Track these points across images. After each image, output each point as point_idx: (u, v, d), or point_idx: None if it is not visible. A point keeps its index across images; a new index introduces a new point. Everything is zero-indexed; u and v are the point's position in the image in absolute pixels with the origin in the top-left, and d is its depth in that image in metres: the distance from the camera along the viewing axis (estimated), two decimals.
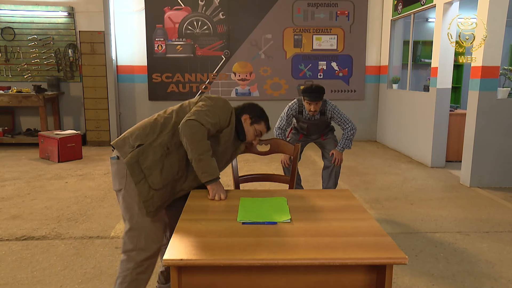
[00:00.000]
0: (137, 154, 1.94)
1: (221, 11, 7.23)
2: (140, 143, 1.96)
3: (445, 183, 4.83)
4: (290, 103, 3.61)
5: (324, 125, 3.65)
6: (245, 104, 2.24)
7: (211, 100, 2.10)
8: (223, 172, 2.23)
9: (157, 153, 1.95)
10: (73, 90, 7.21)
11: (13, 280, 2.55)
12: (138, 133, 2.01)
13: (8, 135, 6.81)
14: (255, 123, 2.20)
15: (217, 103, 2.09)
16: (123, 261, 1.98)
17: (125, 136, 2.04)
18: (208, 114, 1.99)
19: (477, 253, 2.97)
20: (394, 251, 1.41)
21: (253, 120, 2.20)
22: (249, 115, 2.19)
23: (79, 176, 5.02)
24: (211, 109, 2.03)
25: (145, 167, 1.93)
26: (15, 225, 3.43)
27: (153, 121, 2.06)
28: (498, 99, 4.56)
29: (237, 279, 1.47)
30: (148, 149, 1.95)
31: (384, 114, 7.36)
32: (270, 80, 7.45)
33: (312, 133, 3.69)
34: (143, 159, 1.93)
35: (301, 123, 3.64)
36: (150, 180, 1.92)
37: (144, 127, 2.03)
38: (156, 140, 1.97)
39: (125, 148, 1.98)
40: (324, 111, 3.51)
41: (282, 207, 1.82)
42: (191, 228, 1.59)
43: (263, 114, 2.24)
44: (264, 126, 2.23)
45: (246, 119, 2.19)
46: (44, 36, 6.95)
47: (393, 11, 6.93)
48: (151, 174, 1.93)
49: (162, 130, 2.00)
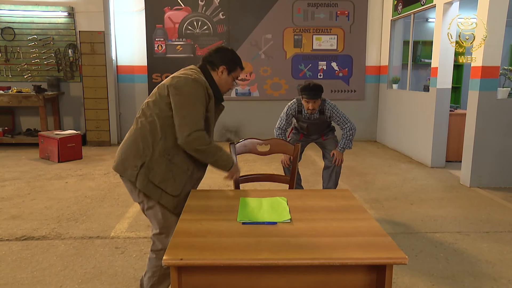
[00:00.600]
0: (145, 174, 1.92)
1: (221, 11, 7.23)
2: (141, 162, 1.93)
3: (445, 183, 4.83)
4: (290, 103, 3.61)
5: (324, 125, 3.65)
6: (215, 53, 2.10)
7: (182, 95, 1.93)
8: (222, 172, 2.23)
9: (162, 164, 1.94)
10: (73, 90, 7.21)
11: (13, 280, 2.55)
12: (134, 152, 1.95)
13: (8, 135, 6.82)
14: (232, 71, 2.12)
15: (189, 93, 1.93)
16: (152, 259, 2.06)
17: (122, 158, 1.98)
18: (193, 115, 1.92)
19: (477, 253, 2.97)
20: (394, 251, 1.41)
21: (230, 69, 2.10)
22: (225, 66, 2.09)
23: (79, 176, 5.02)
24: (190, 106, 1.92)
25: (159, 182, 1.94)
26: (15, 225, 3.43)
27: (140, 132, 1.97)
28: (498, 99, 4.56)
29: (237, 279, 1.47)
30: (152, 164, 1.93)
31: (384, 114, 7.36)
32: (270, 80, 7.45)
33: (312, 133, 3.69)
34: (153, 176, 1.93)
35: (301, 123, 3.64)
36: (169, 191, 1.96)
37: (136, 143, 1.96)
38: (154, 152, 1.94)
39: (128, 172, 1.95)
40: (323, 110, 3.51)
41: (282, 207, 1.82)
42: (191, 228, 1.59)
43: (236, 58, 2.13)
44: (239, 70, 2.16)
45: (223, 70, 2.09)
46: (44, 36, 6.95)
47: (393, 11, 6.93)
48: (167, 186, 1.95)
49: (154, 139, 1.95)
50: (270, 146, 2.61)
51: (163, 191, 1.94)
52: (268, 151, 2.61)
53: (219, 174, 2.53)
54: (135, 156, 1.94)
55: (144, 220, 3.56)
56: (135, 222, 3.53)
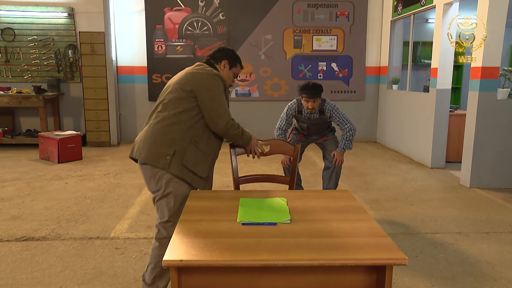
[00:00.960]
0: (179, 160, 2.12)
1: (221, 11, 7.23)
2: (173, 151, 2.11)
3: (445, 184, 4.83)
4: (290, 103, 3.61)
5: (324, 125, 3.65)
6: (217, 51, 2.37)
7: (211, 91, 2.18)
8: (222, 172, 2.26)
9: (192, 149, 2.15)
10: (73, 91, 7.22)
11: (13, 281, 2.54)
12: (165, 142, 2.12)
13: (8, 135, 6.82)
14: (233, 67, 2.37)
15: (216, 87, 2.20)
16: (156, 248, 2.17)
17: (153, 150, 2.12)
18: (223, 104, 2.20)
19: (477, 254, 2.97)
20: (394, 252, 1.41)
21: (231, 64, 2.35)
22: (227, 61, 2.34)
23: (79, 176, 5.02)
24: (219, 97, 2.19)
25: (192, 166, 2.14)
26: (15, 225, 3.43)
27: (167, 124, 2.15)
28: (498, 100, 4.56)
29: (237, 280, 1.47)
30: (184, 151, 2.13)
31: (384, 114, 7.36)
32: (270, 81, 7.46)
33: (313, 134, 3.69)
34: (186, 160, 2.13)
35: (301, 123, 3.64)
36: (199, 173, 2.17)
37: (165, 134, 2.13)
38: (183, 141, 2.14)
39: (162, 161, 2.10)
40: (323, 110, 3.50)
41: (282, 207, 1.82)
42: (191, 229, 1.59)
43: (236, 56, 2.39)
44: (239, 67, 2.40)
45: (225, 64, 2.34)
46: (44, 36, 6.95)
47: (393, 12, 6.94)
48: (197, 170, 2.16)
49: (181, 129, 2.14)
50: (270, 147, 2.62)
51: (194, 174, 2.15)
52: (268, 152, 2.61)
53: (219, 174, 2.54)
54: (167, 146, 2.11)
55: (144, 221, 3.56)
56: (135, 222, 3.53)
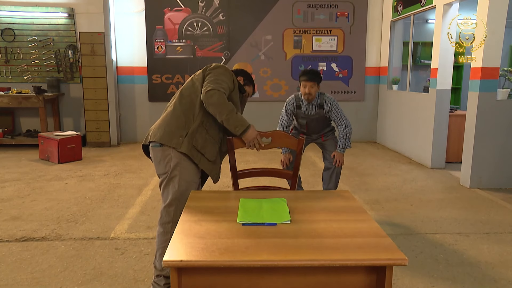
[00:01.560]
0: (190, 140, 2.26)
1: (221, 12, 7.23)
2: (186, 132, 2.28)
3: (445, 184, 4.83)
4: (288, 99, 3.63)
5: (324, 122, 3.63)
6: (237, 69, 2.61)
7: (215, 70, 2.38)
8: (222, 172, 2.27)
9: (202, 133, 2.30)
10: (73, 91, 7.22)
11: (13, 281, 2.54)
12: (178, 124, 2.29)
13: (8, 136, 6.82)
14: (247, 85, 2.58)
15: (220, 71, 2.38)
16: (160, 233, 2.30)
17: (167, 131, 2.28)
18: (219, 82, 2.28)
19: (477, 254, 2.97)
20: (394, 252, 1.41)
21: (245, 82, 2.57)
22: (243, 77, 2.57)
23: (79, 177, 5.02)
24: (220, 77, 2.32)
25: (200, 147, 2.28)
26: (15, 226, 3.43)
27: (181, 109, 2.33)
28: (498, 100, 4.56)
29: (237, 281, 1.47)
30: (195, 133, 2.28)
31: (384, 115, 7.36)
32: (270, 81, 7.46)
33: (312, 131, 3.66)
34: (196, 142, 2.27)
35: (300, 120, 3.63)
36: (207, 155, 2.30)
37: (179, 118, 2.31)
38: (195, 124, 2.29)
39: (174, 141, 2.26)
40: (322, 104, 3.50)
41: (282, 208, 1.82)
42: (191, 229, 1.59)
43: (252, 79, 2.63)
44: (251, 88, 2.62)
45: (240, 79, 2.55)
46: (44, 37, 6.95)
47: (393, 12, 6.94)
48: (206, 152, 2.30)
49: (194, 113, 2.31)
50: (272, 139, 2.50)
51: (202, 156, 2.29)
52: (270, 145, 2.49)
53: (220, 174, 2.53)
54: (180, 128, 2.28)
55: (144, 221, 3.56)
56: (135, 223, 3.53)
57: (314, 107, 3.51)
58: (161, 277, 2.30)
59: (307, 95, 3.42)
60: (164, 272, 2.28)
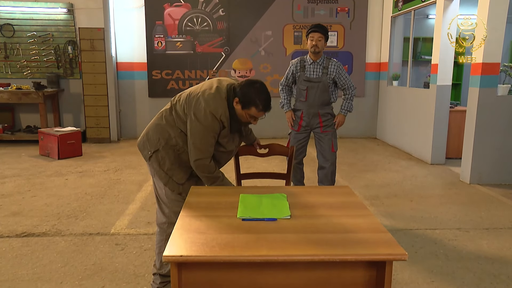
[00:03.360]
0: (156, 160, 2.18)
1: (221, 7, 7.21)
2: (155, 149, 2.19)
3: (445, 180, 4.83)
4: (293, 60, 3.69)
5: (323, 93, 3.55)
6: (243, 84, 2.10)
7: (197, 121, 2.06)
8: (223, 169, 2.26)
9: (171, 155, 2.17)
10: (72, 87, 7.21)
11: (14, 276, 2.55)
12: (153, 138, 2.21)
13: (8, 132, 6.81)
14: (245, 108, 2.07)
15: (204, 124, 2.05)
16: (157, 233, 2.32)
17: (144, 140, 2.26)
18: (202, 142, 2.08)
19: (477, 250, 2.98)
20: (394, 248, 1.41)
21: (242, 105, 2.07)
22: (239, 99, 2.07)
23: (79, 173, 5.02)
24: (202, 134, 2.07)
25: (167, 169, 2.18)
26: (15, 222, 3.44)
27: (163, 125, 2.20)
28: (498, 96, 4.55)
29: (237, 276, 1.47)
30: (163, 153, 2.17)
31: (384, 111, 7.35)
32: (270, 77, 7.44)
33: (311, 102, 3.56)
34: (163, 163, 2.17)
35: (301, 86, 3.59)
36: (175, 178, 2.18)
37: (157, 132, 2.20)
38: (167, 145, 2.17)
39: (144, 152, 2.24)
40: (327, 67, 3.50)
41: (282, 203, 1.82)
42: (191, 225, 1.59)
43: (253, 98, 2.04)
44: (255, 110, 2.07)
45: (237, 102, 2.08)
46: (43, 32, 6.93)
47: (393, 8, 6.92)
48: (173, 174, 2.18)
49: (169, 135, 2.17)
50: (268, 150, 2.70)
51: (170, 177, 2.18)
52: (266, 153, 2.70)
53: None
54: (152, 143, 2.20)
55: (144, 217, 3.56)
56: (135, 219, 3.54)
57: (318, 68, 3.51)
58: (157, 275, 2.30)
59: (314, 47, 3.45)
60: (161, 271, 2.28)
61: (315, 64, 3.52)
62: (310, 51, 3.51)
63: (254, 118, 2.11)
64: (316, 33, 3.43)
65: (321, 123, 3.62)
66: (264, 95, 2.06)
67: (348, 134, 7.40)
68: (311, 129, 3.67)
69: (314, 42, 3.43)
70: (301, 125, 3.66)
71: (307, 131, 3.67)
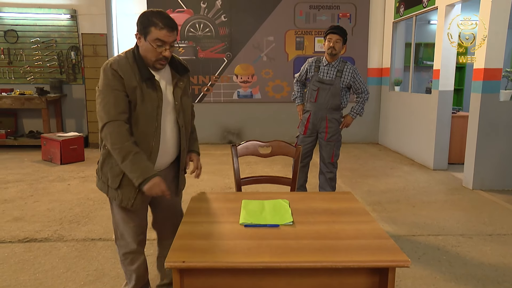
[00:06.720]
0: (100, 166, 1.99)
1: (223, 13, 7.24)
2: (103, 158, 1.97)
3: (447, 186, 4.81)
4: (309, 59, 3.71)
5: (334, 97, 3.52)
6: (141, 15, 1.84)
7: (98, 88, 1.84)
8: (224, 174, 2.24)
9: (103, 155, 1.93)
10: (75, 92, 7.23)
11: (16, 282, 2.55)
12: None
13: (11, 137, 6.84)
14: (147, 35, 1.77)
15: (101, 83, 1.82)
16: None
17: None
18: (102, 102, 1.80)
19: (480, 256, 2.96)
20: (396, 254, 1.40)
21: (143, 35, 1.79)
22: (138, 32, 1.81)
23: (82, 178, 5.03)
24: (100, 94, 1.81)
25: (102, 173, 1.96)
26: (18, 227, 3.44)
27: None
28: (500, 101, 4.55)
29: (239, 282, 1.47)
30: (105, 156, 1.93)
31: (386, 116, 7.35)
32: (272, 83, 7.46)
33: (320, 105, 3.55)
34: (100, 166, 1.97)
35: (312, 86, 3.57)
36: (109, 183, 1.93)
37: None
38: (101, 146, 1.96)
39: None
40: (341, 71, 3.49)
41: (284, 209, 1.82)
42: (193, 231, 1.59)
43: (150, 19, 1.77)
44: (157, 31, 1.76)
45: (138, 37, 1.82)
46: (47, 38, 6.97)
47: (395, 14, 6.94)
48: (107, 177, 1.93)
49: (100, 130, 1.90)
50: (271, 148, 2.60)
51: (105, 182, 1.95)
52: (269, 153, 2.61)
53: (221, 176, 2.53)
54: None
55: None
56: None
57: (332, 70, 3.50)
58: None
59: (331, 48, 3.42)
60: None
61: (329, 66, 3.52)
62: (327, 53, 3.49)
63: (162, 43, 1.78)
64: (335, 34, 3.41)
65: (326, 130, 3.60)
66: (160, 13, 1.80)
67: (350, 139, 7.39)
68: (317, 133, 3.66)
69: (331, 44, 3.41)
70: (307, 128, 3.65)
71: (314, 135, 3.67)
